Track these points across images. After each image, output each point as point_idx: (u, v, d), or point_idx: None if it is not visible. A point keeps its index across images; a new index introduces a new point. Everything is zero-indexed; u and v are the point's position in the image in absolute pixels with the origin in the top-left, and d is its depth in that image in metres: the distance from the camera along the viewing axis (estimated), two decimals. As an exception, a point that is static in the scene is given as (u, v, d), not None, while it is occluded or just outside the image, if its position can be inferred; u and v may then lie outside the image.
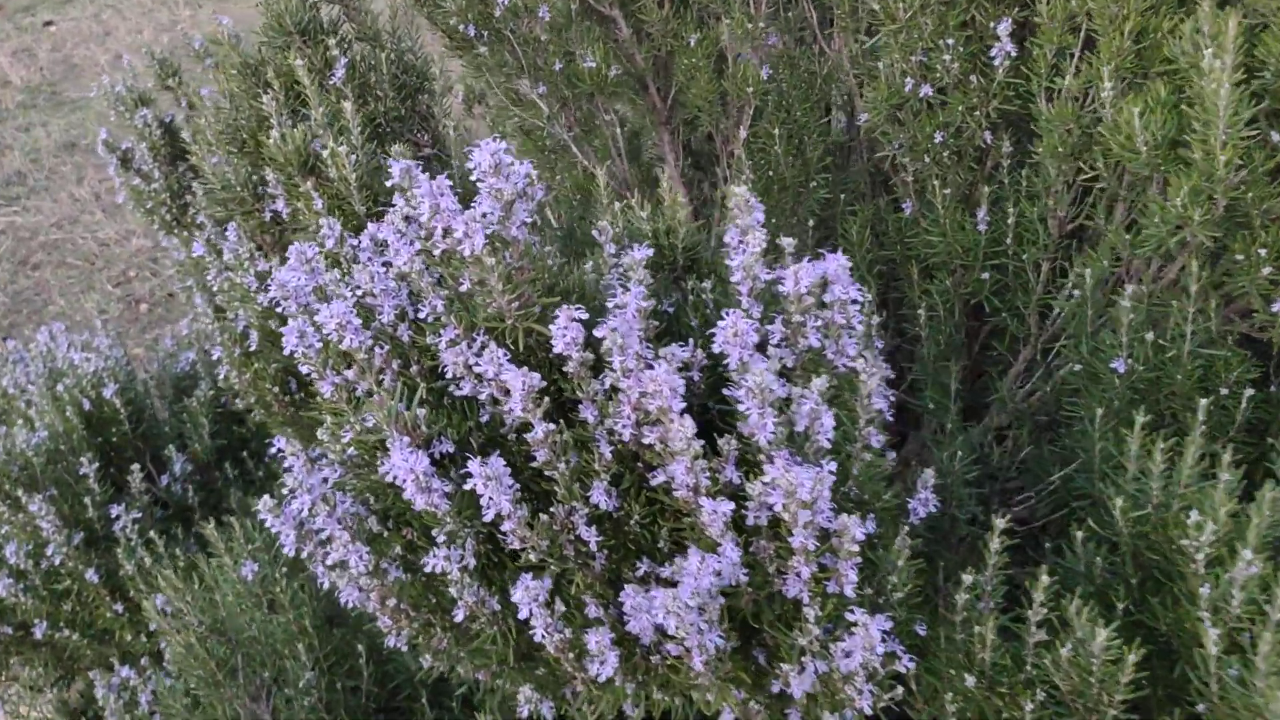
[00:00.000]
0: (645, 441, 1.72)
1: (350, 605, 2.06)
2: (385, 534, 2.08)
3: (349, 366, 1.96)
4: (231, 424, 4.26)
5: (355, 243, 2.13)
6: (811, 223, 3.24)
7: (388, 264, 2.05)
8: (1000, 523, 1.91)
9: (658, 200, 2.30)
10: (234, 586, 2.83)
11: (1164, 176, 2.40)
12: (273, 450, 3.91)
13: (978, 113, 2.87)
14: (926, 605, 2.08)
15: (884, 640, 1.71)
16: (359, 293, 1.98)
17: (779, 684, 1.80)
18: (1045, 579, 1.85)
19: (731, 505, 1.65)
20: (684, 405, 1.66)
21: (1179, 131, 2.33)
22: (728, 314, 1.72)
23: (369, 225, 2.07)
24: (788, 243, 1.97)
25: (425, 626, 2.06)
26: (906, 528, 1.89)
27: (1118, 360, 2.44)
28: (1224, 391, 2.45)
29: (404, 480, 1.74)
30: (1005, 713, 1.97)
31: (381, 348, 1.92)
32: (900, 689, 1.87)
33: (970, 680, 1.92)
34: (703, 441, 1.65)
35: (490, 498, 1.67)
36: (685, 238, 2.22)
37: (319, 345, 1.92)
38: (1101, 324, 2.65)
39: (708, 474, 1.68)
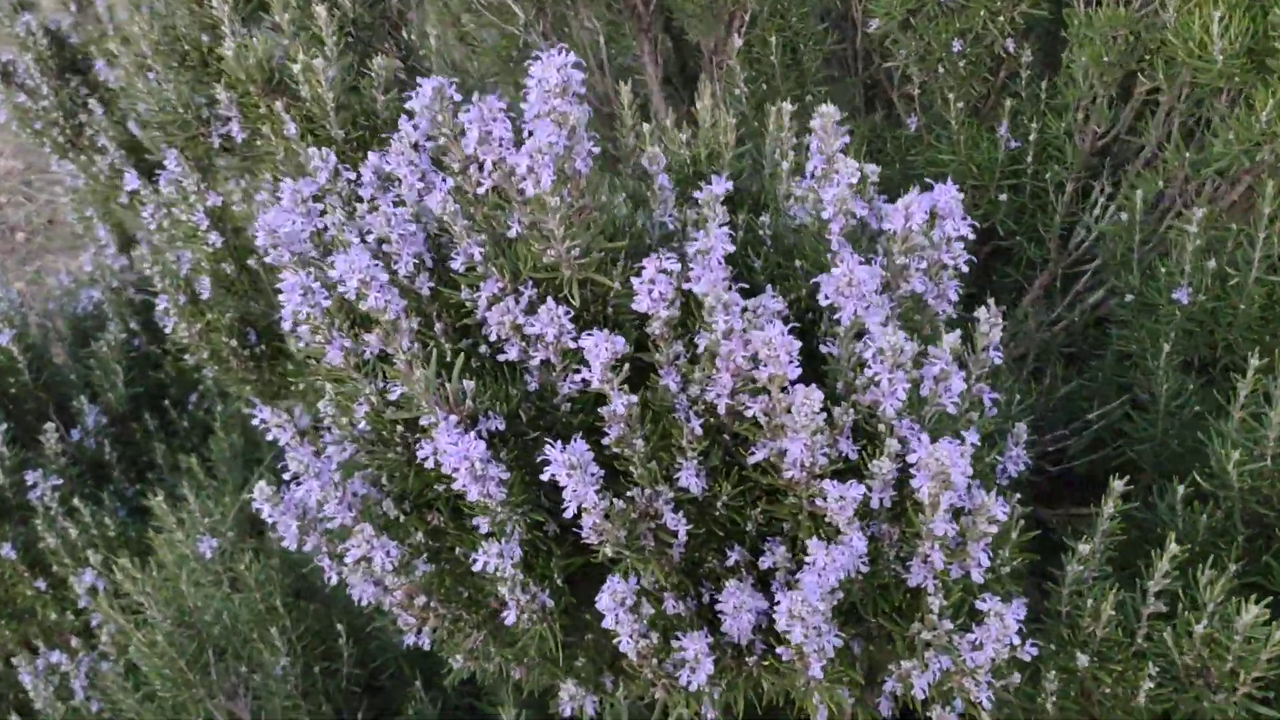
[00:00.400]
0: (748, 413, 1.45)
1: (365, 602, 1.77)
2: (402, 519, 1.78)
3: (363, 327, 1.64)
4: (147, 369, 3.85)
5: (351, 177, 1.79)
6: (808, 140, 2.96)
7: (397, 202, 1.72)
8: (1119, 485, 1.69)
9: (694, 120, 2.00)
10: (188, 564, 2.49)
11: (1236, 89, 2.18)
12: (205, 402, 3.52)
13: (1001, 18, 2.62)
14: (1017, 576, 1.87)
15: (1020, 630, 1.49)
16: (370, 239, 1.65)
17: (893, 682, 1.57)
18: (1174, 547, 1.65)
19: (862, 489, 1.40)
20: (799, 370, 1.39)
21: (1256, 39, 2.11)
22: (843, 260, 1.45)
23: (370, 155, 1.73)
24: (872, 170, 1.70)
25: (455, 624, 1.77)
26: (1018, 496, 1.67)
27: (1179, 290, 2.24)
28: (1285, 320, 2.28)
29: (456, 468, 1.44)
30: (1111, 690, 1.78)
31: (397, 303, 1.60)
32: (1018, 675, 1.67)
33: (1083, 659, 1.72)
34: (825, 414, 1.39)
35: (574, 490, 1.39)
36: (730, 164, 1.93)
37: (326, 304, 1.59)
38: (1149, 250, 2.45)
39: (825, 450, 1.42)
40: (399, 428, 1.68)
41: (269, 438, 1.92)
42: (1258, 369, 1.81)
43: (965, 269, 1.64)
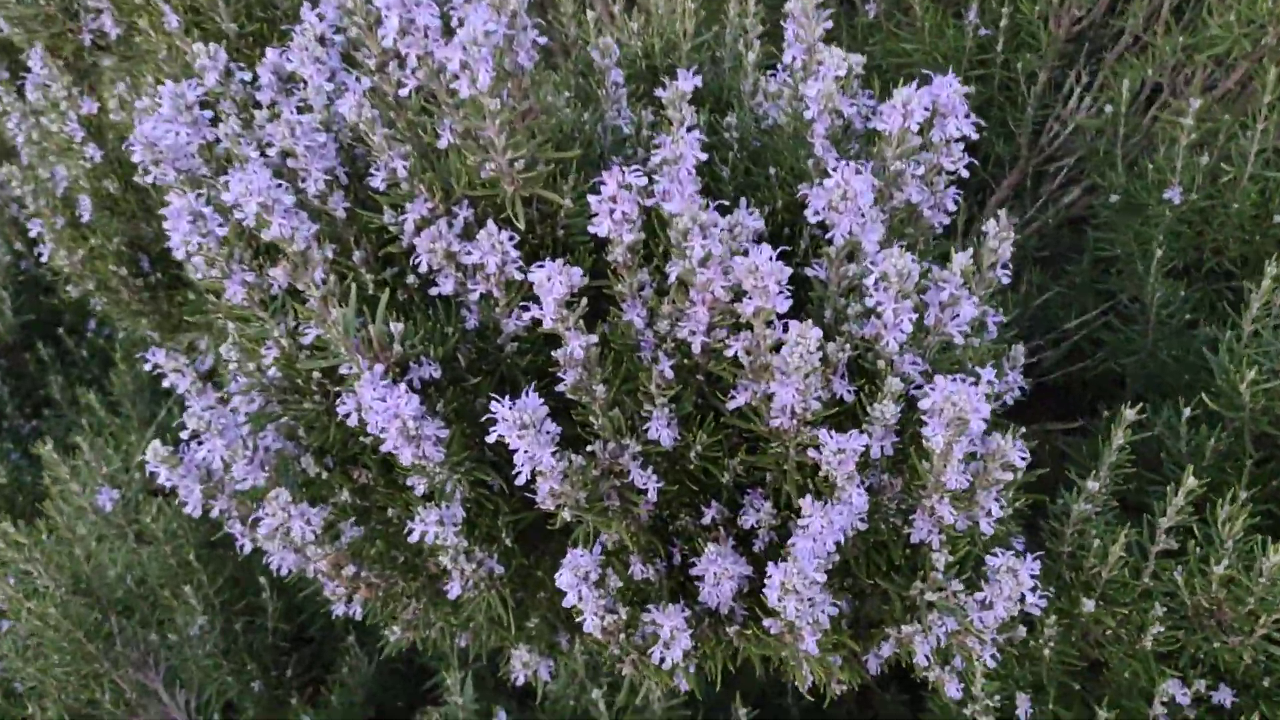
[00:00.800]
0: (728, 353, 1.23)
1: (286, 572, 1.55)
2: (325, 476, 1.55)
3: (268, 258, 1.39)
4: (38, 294, 3.52)
5: (246, 78, 1.51)
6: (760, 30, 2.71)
7: (303, 108, 1.46)
8: (1130, 414, 1.52)
9: (641, 7, 1.75)
10: (86, 519, 2.24)
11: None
12: (98, 331, 3.22)
13: (969, -112, 2.37)
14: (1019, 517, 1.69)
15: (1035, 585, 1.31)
16: (272, 153, 1.40)
17: (890, 646, 1.40)
18: (1191, 481, 1.49)
19: (864, 440, 1.20)
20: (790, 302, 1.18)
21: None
22: (835, 168, 1.22)
23: (269, 52, 1.46)
24: (857, 60, 1.46)
25: (390, 593, 1.56)
26: (1023, 430, 1.48)
27: (1171, 189, 2.06)
28: (1278, 219, 2.11)
29: (384, 428, 1.22)
30: (1114, 632, 1.63)
31: (307, 230, 1.35)
32: (1024, 629, 1.50)
33: (1089, 604, 1.56)
34: (821, 353, 1.18)
35: (527, 452, 1.17)
36: (689, 56, 1.69)
37: (222, 232, 1.34)
38: (1133, 145, 2.26)
39: (819, 393, 1.22)
40: (316, 374, 1.45)
41: (165, 384, 1.68)
42: (1275, 276, 1.63)
43: (966, 174, 1.44)
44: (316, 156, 1.37)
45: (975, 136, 1.39)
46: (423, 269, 1.34)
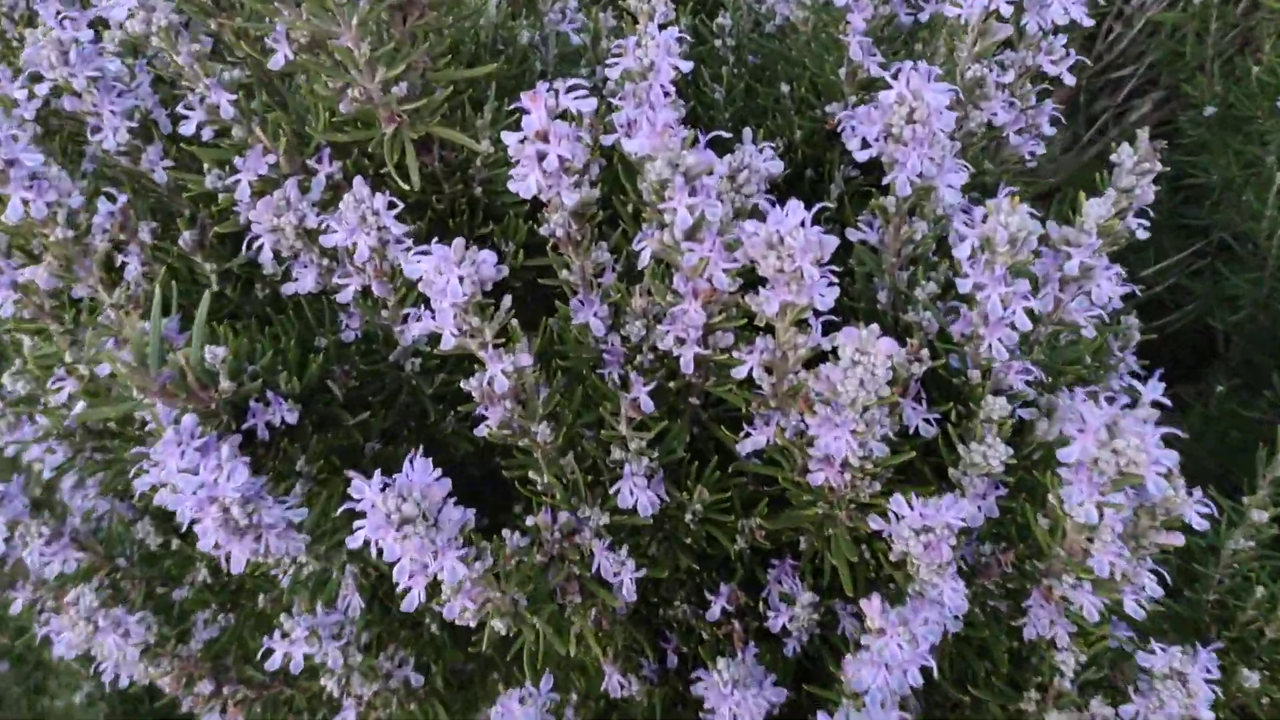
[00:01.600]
0: (737, 372, 0.78)
1: (126, 683, 1.11)
2: (175, 546, 1.11)
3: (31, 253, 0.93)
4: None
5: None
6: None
7: (99, 26, 0.99)
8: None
9: None
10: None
11: None
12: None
13: None
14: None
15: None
16: (45, 87, 0.94)
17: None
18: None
19: (962, 509, 0.75)
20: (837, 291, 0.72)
21: None
22: (900, 73, 0.76)
23: (42, -57, 0.99)
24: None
25: (272, 705, 1.12)
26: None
27: (1290, 97, 1.60)
28: None
29: (195, 516, 0.76)
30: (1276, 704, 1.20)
31: (111, 203, 0.90)
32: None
33: (1252, 677, 1.13)
34: (892, 371, 0.73)
35: (416, 559, 0.72)
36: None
37: (-37, 211, 0.88)
38: (1226, 43, 1.80)
39: (884, 430, 0.77)
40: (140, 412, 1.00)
41: None
42: None
43: (1072, 79, 0.98)
44: (110, 94, 0.91)
45: (1089, 23, 0.93)
46: (266, 255, 0.88)
